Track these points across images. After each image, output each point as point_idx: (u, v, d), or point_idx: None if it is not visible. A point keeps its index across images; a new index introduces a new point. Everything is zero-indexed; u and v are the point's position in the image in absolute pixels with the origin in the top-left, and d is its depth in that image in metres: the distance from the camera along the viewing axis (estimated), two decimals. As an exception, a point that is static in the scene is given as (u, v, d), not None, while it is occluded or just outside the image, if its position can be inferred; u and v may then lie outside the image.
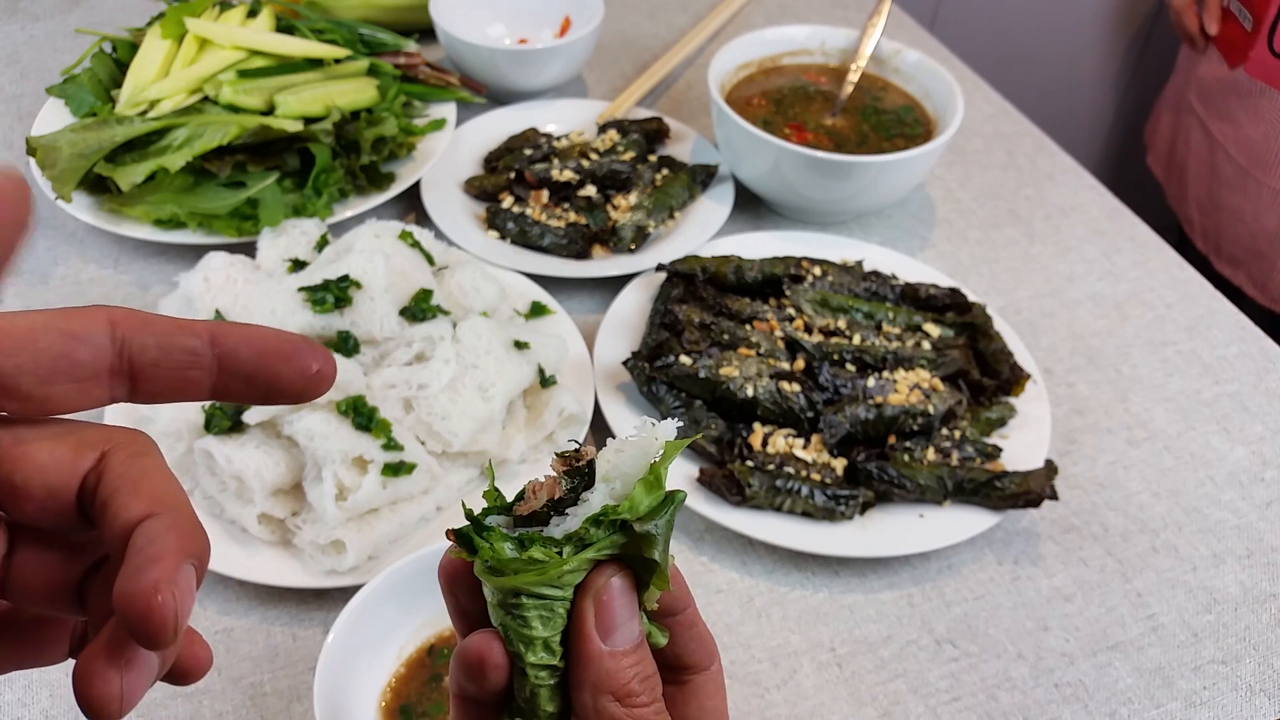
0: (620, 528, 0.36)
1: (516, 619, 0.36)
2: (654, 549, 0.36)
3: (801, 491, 0.82)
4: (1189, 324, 1.09)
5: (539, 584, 0.35)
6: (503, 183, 1.14)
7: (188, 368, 0.34)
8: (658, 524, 0.36)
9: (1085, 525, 0.89)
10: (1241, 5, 1.56)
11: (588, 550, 0.36)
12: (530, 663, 0.36)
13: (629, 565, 0.37)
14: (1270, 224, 1.56)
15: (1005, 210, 1.23)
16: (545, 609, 0.36)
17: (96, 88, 1.14)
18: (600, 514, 0.36)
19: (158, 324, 0.33)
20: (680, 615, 0.40)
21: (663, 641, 0.39)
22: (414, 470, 0.78)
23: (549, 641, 0.36)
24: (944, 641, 0.80)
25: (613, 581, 0.36)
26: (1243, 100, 1.57)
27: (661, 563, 0.36)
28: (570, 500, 0.37)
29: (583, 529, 0.36)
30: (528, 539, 0.36)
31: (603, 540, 0.36)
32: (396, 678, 0.71)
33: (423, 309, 0.85)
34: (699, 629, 0.41)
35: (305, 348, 0.34)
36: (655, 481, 0.36)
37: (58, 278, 1.05)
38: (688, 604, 0.40)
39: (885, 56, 1.23)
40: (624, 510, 0.36)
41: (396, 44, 1.24)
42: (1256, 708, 0.77)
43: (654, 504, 0.36)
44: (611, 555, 0.36)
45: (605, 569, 0.36)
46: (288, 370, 0.34)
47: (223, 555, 0.77)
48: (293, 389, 0.35)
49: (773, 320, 0.96)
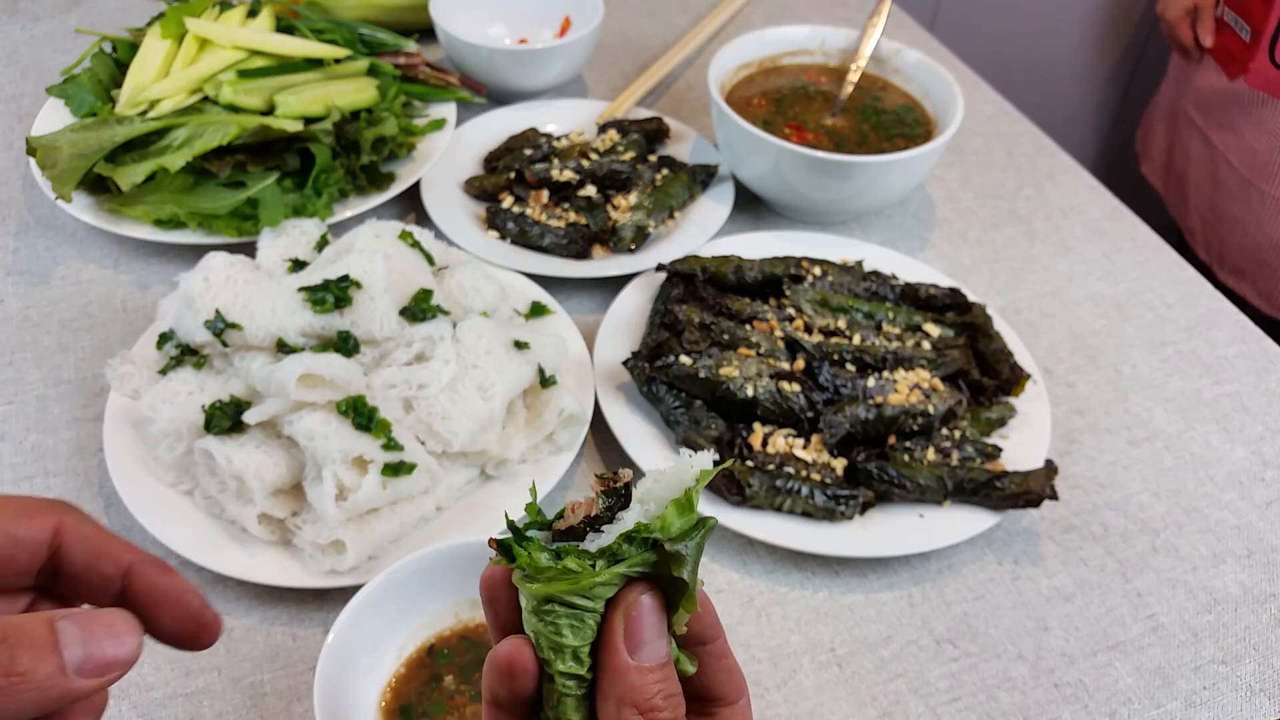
0: (652, 546, 0.38)
1: (549, 625, 0.37)
2: (683, 569, 0.37)
3: (801, 491, 0.82)
4: (1189, 324, 1.09)
5: (571, 592, 0.37)
6: (503, 183, 1.14)
7: (99, 587, 0.40)
8: (688, 545, 0.38)
9: (1085, 525, 0.89)
10: (1238, 16, 1.56)
11: (619, 565, 0.37)
12: (559, 670, 0.38)
13: (660, 586, 0.38)
14: (1275, 234, 1.56)
15: (1005, 210, 1.23)
16: (576, 618, 0.37)
17: (96, 88, 1.14)
18: (633, 531, 0.37)
19: (92, 541, 0.40)
20: (710, 645, 0.41)
21: (691, 669, 0.40)
22: (414, 470, 0.78)
23: (578, 651, 0.38)
24: (944, 641, 0.80)
25: (643, 599, 0.38)
26: (1244, 111, 1.56)
27: (690, 584, 0.38)
28: (607, 519, 0.39)
29: (615, 544, 0.37)
30: (564, 551, 0.38)
31: (634, 557, 0.37)
32: (397, 678, 0.71)
33: (423, 309, 0.85)
34: (728, 661, 0.42)
35: (204, 614, 0.41)
36: (687, 504, 0.38)
37: (58, 277, 1.05)
38: (718, 634, 0.41)
39: (885, 56, 1.23)
40: (656, 529, 0.37)
41: (396, 44, 1.24)
42: (1256, 708, 0.77)
43: (686, 526, 0.38)
44: (643, 573, 0.38)
45: (636, 587, 0.38)
46: (180, 625, 0.41)
47: (223, 555, 0.77)
48: (176, 641, 0.41)
49: (773, 320, 0.96)
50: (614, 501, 0.39)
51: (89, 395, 0.94)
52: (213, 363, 0.85)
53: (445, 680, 0.71)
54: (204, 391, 0.81)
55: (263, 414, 0.78)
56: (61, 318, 1.01)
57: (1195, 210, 1.73)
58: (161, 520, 0.79)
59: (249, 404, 0.80)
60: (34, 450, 0.89)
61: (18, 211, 1.13)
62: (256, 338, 0.82)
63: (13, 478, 0.87)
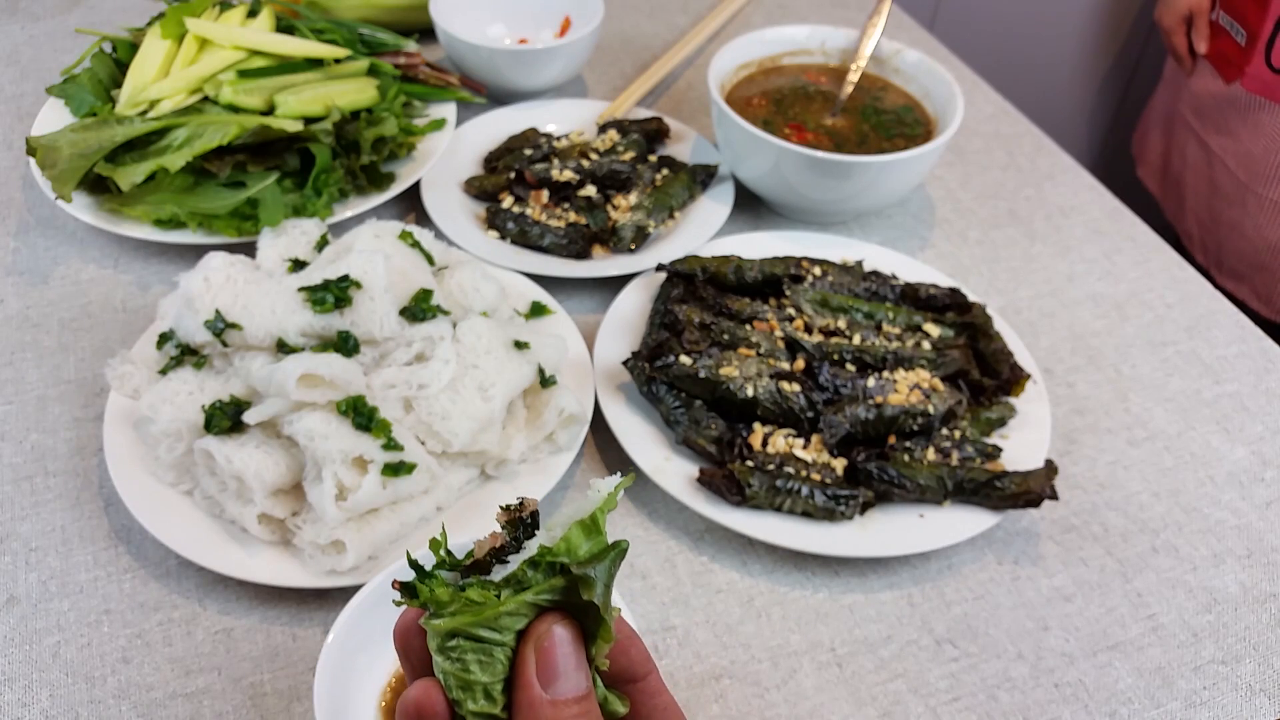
0: (560, 571, 0.36)
1: (455, 663, 0.35)
2: (592, 591, 0.35)
3: (801, 491, 0.82)
4: (1189, 324, 1.09)
5: (475, 625, 0.35)
6: (503, 183, 1.15)
7: None
8: (596, 569, 0.35)
9: (1085, 525, 0.89)
10: (1234, 20, 1.56)
11: (525, 593, 0.35)
12: (471, 711, 0.36)
13: (574, 616, 0.36)
14: (1273, 237, 1.56)
15: (1005, 210, 1.23)
16: (484, 653, 0.35)
17: (97, 88, 1.14)
18: (537, 555, 0.36)
19: None
20: (642, 683, 0.39)
21: (622, 710, 0.38)
22: (414, 470, 0.78)
23: (489, 689, 0.36)
24: (944, 641, 0.80)
25: (555, 629, 0.36)
26: (1241, 115, 1.56)
27: (603, 609, 0.36)
28: (514, 549, 0.37)
29: (519, 570, 0.36)
30: (468, 585, 0.36)
31: (541, 584, 0.36)
32: (396, 678, 0.71)
33: (423, 309, 0.85)
34: (663, 700, 0.39)
35: None
36: (593, 525, 0.36)
37: (58, 277, 1.06)
38: (649, 670, 0.39)
39: (885, 56, 1.23)
40: (560, 552, 0.35)
41: (396, 44, 1.24)
42: (1256, 708, 0.77)
43: (594, 549, 0.36)
44: (553, 602, 0.36)
45: (548, 617, 0.36)
46: None
47: (223, 555, 0.77)
48: None
49: (773, 320, 0.96)
50: (520, 532, 0.38)
51: (89, 395, 0.94)
52: (213, 363, 0.85)
53: (445, 680, 0.71)
54: (204, 391, 0.82)
55: (263, 414, 0.78)
56: (61, 317, 1.01)
57: (1192, 214, 1.73)
58: (161, 520, 0.79)
59: (249, 404, 0.80)
60: (34, 450, 0.89)
61: (18, 211, 1.13)
62: (256, 338, 0.82)
63: (13, 477, 0.87)
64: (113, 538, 0.83)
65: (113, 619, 0.78)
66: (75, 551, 0.82)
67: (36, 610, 0.78)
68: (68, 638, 0.76)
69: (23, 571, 0.80)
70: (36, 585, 0.80)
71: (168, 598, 0.79)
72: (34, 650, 0.76)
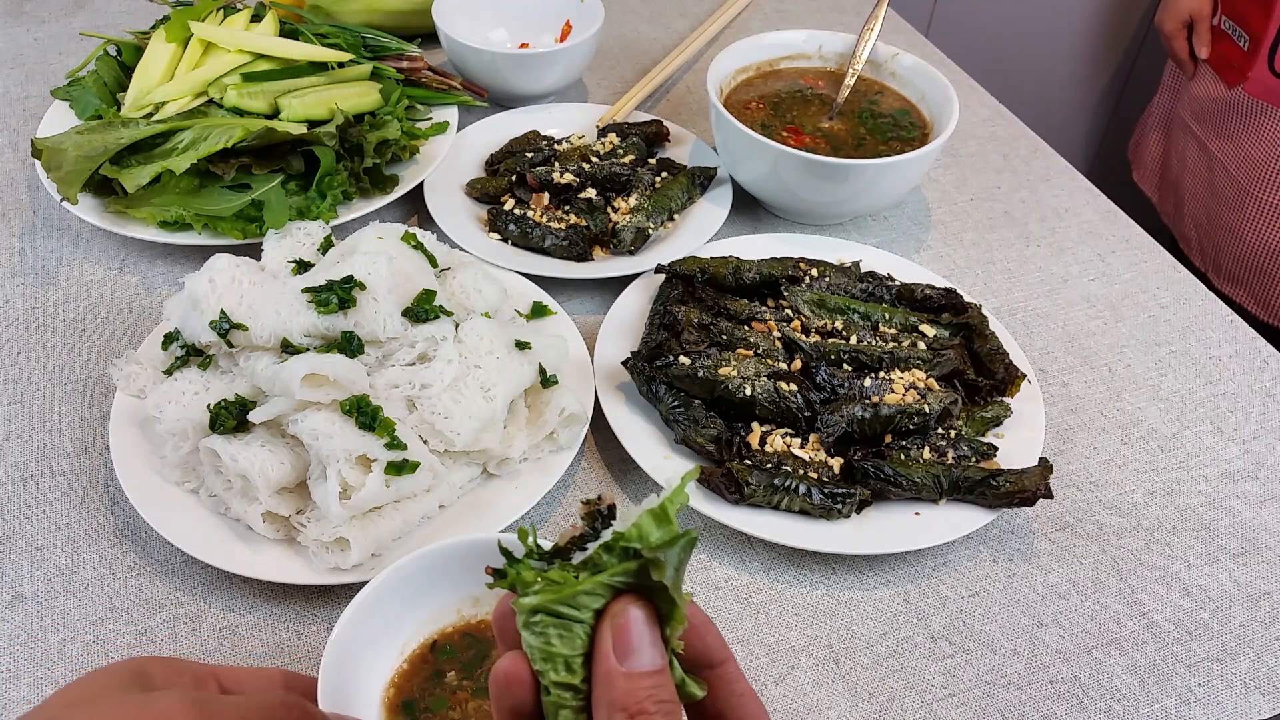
0: (632, 556, 0.39)
1: (538, 636, 0.39)
2: (663, 573, 0.38)
3: (799, 490, 0.83)
4: (1183, 324, 1.10)
5: (555, 602, 0.39)
6: (504, 185, 1.15)
7: None
8: (667, 555, 0.39)
9: (1079, 523, 0.90)
10: (1236, 25, 1.56)
11: (601, 574, 0.39)
12: (553, 681, 0.39)
13: (649, 599, 0.40)
14: (1273, 241, 1.56)
15: (1000, 212, 1.24)
16: (564, 628, 0.39)
17: (101, 90, 1.15)
18: (611, 541, 0.39)
19: None
20: (720, 669, 0.41)
21: (699, 694, 0.41)
22: (417, 469, 0.79)
23: (570, 661, 0.39)
24: (940, 638, 0.81)
25: (630, 608, 0.39)
26: (1243, 119, 1.57)
27: (673, 590, 0.39)
28: (592, 538, 0.41)
29: (595, 554, 0.39)
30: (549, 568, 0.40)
31: (615, 567, 0.39)
32: (400, 674, 0.72)
33: (425, 310, 0.86)
34: (741, 687, 0.42)
35: None
36: (663, 514, 0.39)
37: (64, 279, 1.06)
38: (725, 658, 0.42)
39: (882, 60, 1.24)
40: (632, 537, 0.39)
41: (400, 48, 1.25)
42: (1251, 705, 0.78)
43: (665, 537, 0.39)
44: (627, 584, 0.39)
45: (624, 598, 0.39)
46: None
47: (228, 553, 0.78)
48: None
49: (770, 321, 0.97)
50: (597, 523, 0.42)
51: (95, 395, 0.95)
52: (218, 363, 0.86)
53: (448, 676, 0.72)
54: (209, 391, 0.82)
55: (267, 413, 0.78)
56: (67, 318, 1.02)
57: (1190, 218, 1.74)
58: (167, 518, 0.79)
59: (254, 403, 0.81)
60: (40, 449, 0.90)
61: (23, 213, 1.14)
62: (261, 338, 0.83)
63: (19, 476, 0.88)
64: (118, 536, 0.84)
65: (118, 616, 0.79)
66: (81, 549, 0.83)
67: (42, 608, 0.79)
68: (73, 635, 0.77)
69: (28, 569, 0.81)
70: (42, 583, 0.80)
71: (173, 595, 0.80)
72: (39, 648, 0.76)
